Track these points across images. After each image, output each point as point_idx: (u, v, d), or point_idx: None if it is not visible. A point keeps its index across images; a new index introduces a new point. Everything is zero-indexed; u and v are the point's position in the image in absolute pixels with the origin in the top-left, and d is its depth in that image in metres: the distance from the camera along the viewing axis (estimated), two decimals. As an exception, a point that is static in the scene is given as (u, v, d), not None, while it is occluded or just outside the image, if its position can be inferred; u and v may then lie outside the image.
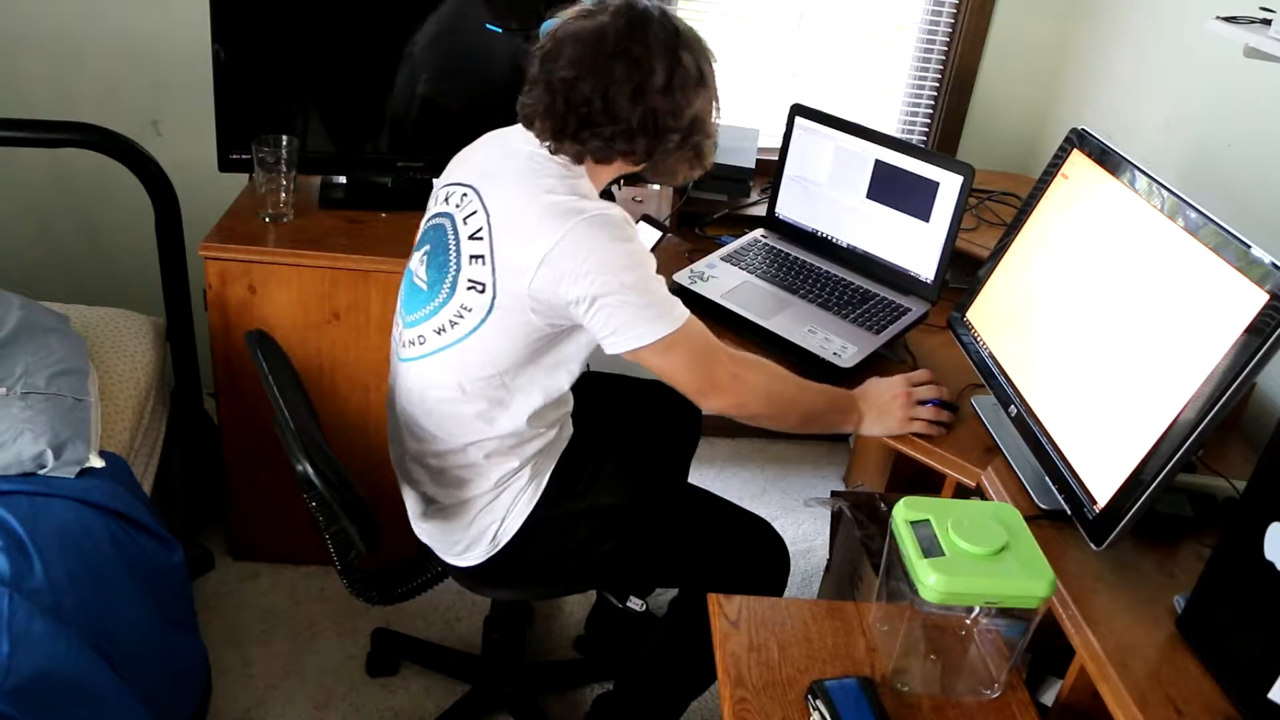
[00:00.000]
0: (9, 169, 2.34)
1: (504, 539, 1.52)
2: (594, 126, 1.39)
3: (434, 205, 1.55)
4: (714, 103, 1.48)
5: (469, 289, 1.43)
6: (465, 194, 1.47)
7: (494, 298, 1.40)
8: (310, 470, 1.35)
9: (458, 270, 1.45)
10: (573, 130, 1.40)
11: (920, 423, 1.56)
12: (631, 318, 1.37)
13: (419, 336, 1.50)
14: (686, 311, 1.41)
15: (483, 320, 1.43)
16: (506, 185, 1.44)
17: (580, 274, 1.34)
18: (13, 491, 1.54)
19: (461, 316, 1.45)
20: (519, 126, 1.47)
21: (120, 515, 1.63)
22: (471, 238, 1.44)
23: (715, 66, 1.47)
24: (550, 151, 1.43)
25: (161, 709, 1.51)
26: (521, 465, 1.51)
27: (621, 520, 1.57)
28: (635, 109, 1.38)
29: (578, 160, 1.43)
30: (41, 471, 1.60)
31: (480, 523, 1.53)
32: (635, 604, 1.72)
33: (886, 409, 1.56)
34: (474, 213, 1.44)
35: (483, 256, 1.42)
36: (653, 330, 1.38)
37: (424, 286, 1.50)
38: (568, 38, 1.39)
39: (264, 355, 1.49)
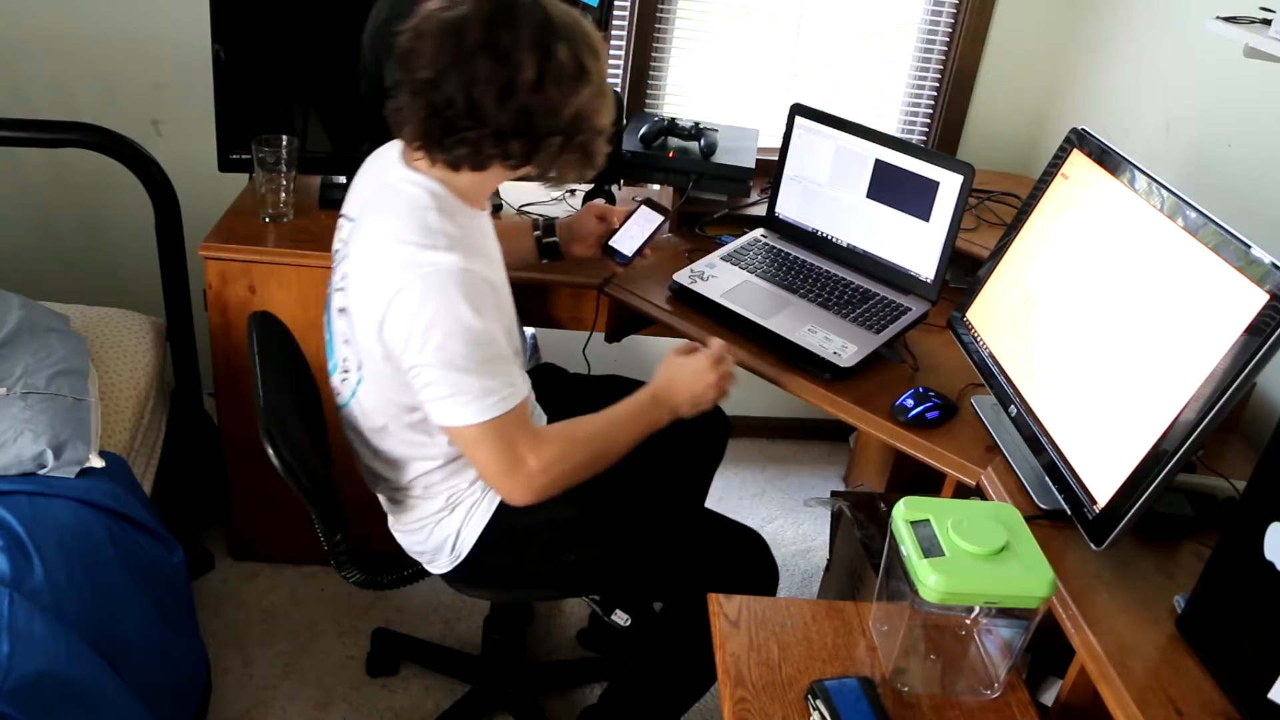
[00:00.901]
0: (9, 169, 2.34)
1: (463, 550, 1.52)
2: (460, 131, 1.26)
3: (336, 235, 1.47)
4: (601, 97, 1.32)
5: (343, 343, 1.40)
6: (347, 229, 1.40)
7: (360, 359, 1.37)
8: (269, 448, 1.37)
9: (330, 323, 1.42)
10: (438, 137, 1.27)
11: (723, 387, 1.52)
12: (446, 394, 1.28)
13: (343, 372, 1.46)
14: (515, 397, 1.31)
15: (360, 378, 1.40)
16: (369, 223, 1.34)
17: (408, 335, 1.26)
18: (13, 491, 1.54)
19: (347, 370, 1.42)
20: None
21: (120, 515, 1.63)
22: (338, 289, 1.39)
23: (601, 56, 1.31)
24: (422, 163, 1.33)
25: (161, 709, 1.51)
26: (471, 483, 1.50)
27: (580, 532, 1.53)
28: (504, 109, 1.24)
29: (454, 167, 1.32)
30: (41, 471, 1.60)
31: (437, 536, 1.53)
32: (620, 618, 1.69)
33: (701, 397, 1.49)
34: (345, 258, 1.38)
35: (345, 310, 1.37)
36: (462, 414, 1.29)
37: (325, 330, 1.48)
38: (427, 33, 1.25)
39: (258, 336, 1.50)
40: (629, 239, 1.75)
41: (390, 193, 1.34)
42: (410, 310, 1.26)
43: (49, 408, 1.67)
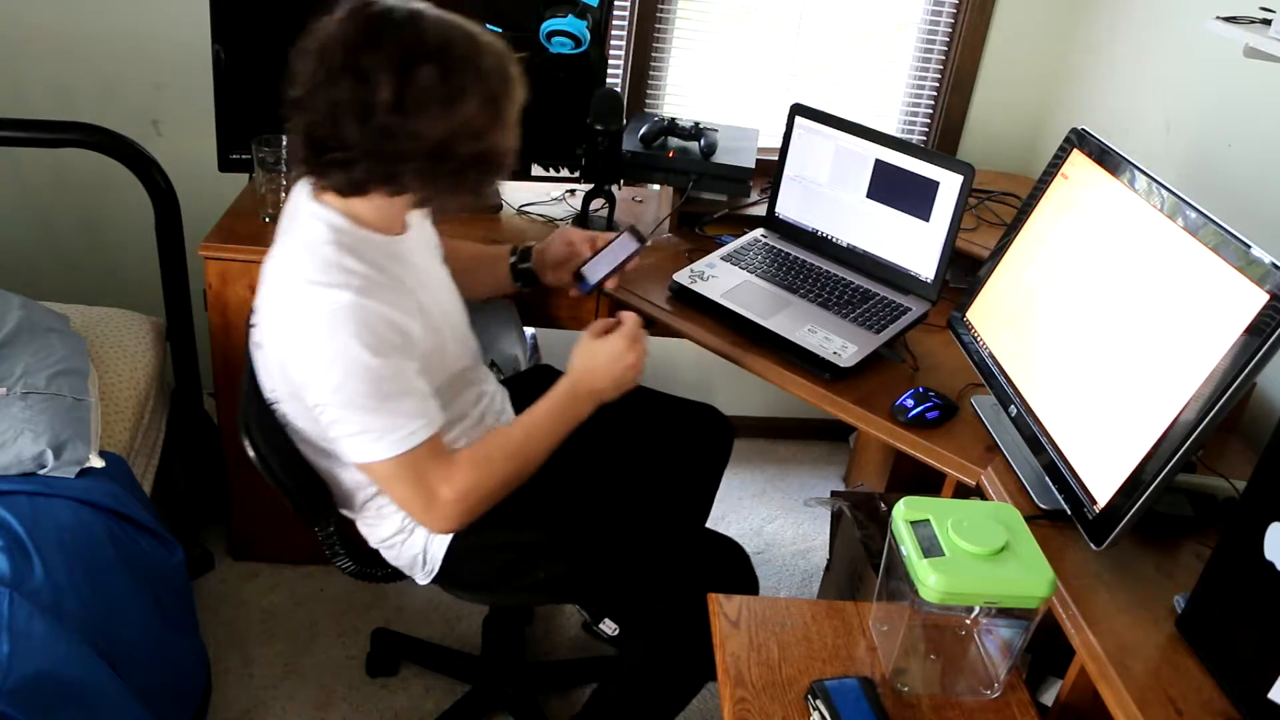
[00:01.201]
0: (9, 169, 2.34)
1: (434, 566, 1.51)
2: (329, 152, 1.21)
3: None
4: (474, 123, 1.22)
5: (266, 375, 1.38)
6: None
7: (278, 393, 1.36)
8: (244, 439, 1.40)
9: (249, 354, 1.41)
10: (311, 160, 1.24)
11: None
12: (350, 432, 1.27)
13: (273, 402, 1.44)
14: (423, 432, 1.28)
15: (285, 410, 1.39)
16: (275, 255, 1.31)
17: (308, 374, 1.25)
18: (13, 491, 1.54)
19: (275, 400, 1.41)
20: None
21: (120, 515, 1.63)
22: (249, 323, 1.38)
23: (491, 79, 1.23)
24: (328, 194, 1.29)
25: (161, 709, 1.51)
26: None
27: (544, 551, 1.52)
28: (365, 131, 1.18)
29: (340, 193, 1.27)
30: (41, 471, 1.60)
31: (406, 554, 1.52)
32: (608, 627, 1.68)
33: (622, 379, 1.45)
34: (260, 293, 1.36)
35: (260, 345, 1.35)
36: (368, 451, 1.27)
37: (247, 361, 1.47)
38: (306, 51, 1.21)
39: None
40: (600, 266, 1.63)
41: (296, 225, 1.32)
42: (307, 351, 1.25)
43: (49, 408, 1.67)
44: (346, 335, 1.22)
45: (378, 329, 1.24)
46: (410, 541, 1.50)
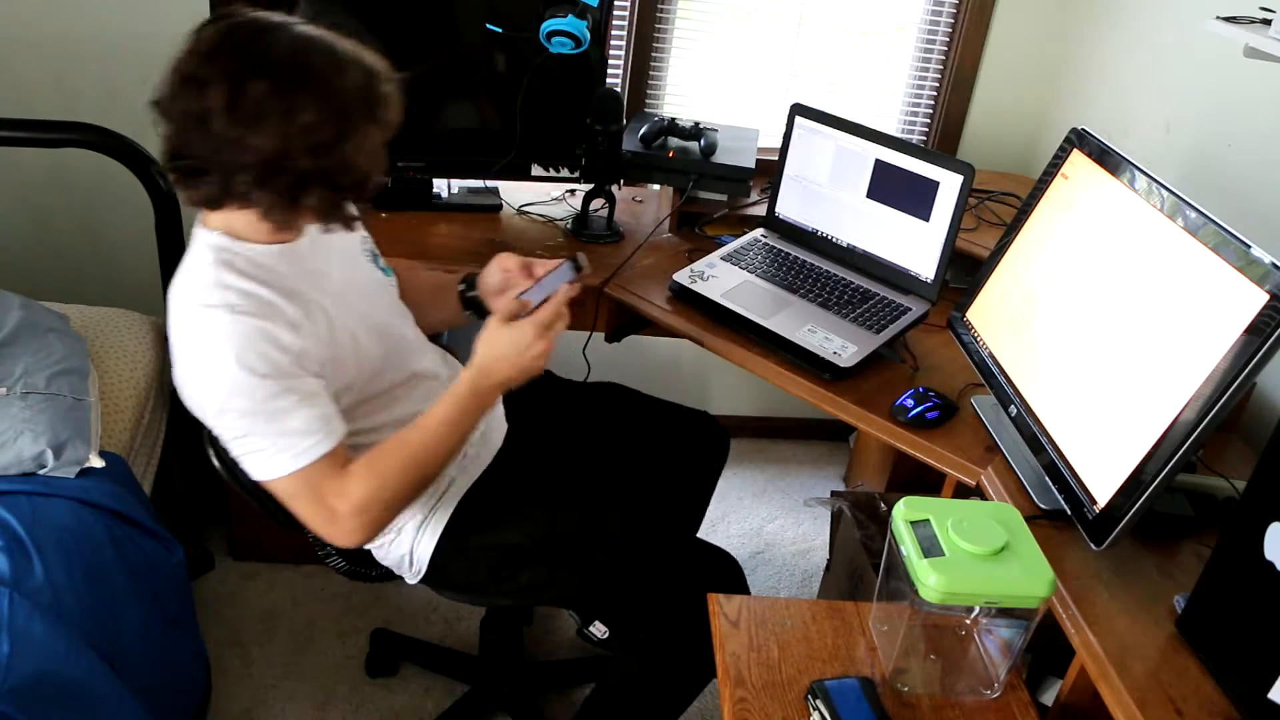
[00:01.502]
0: (9, 169, 2.34)
1: (421, 567, 1.52)
2: (181, 159, 1.23)
3: None
4: (314, 137, 1.19)
5: None
6: None
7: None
8: (209, 449, 1.44)
9: None
10: (169, 167, 1.25)
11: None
12: (242, 452, 1.27)
13: None
14: (316, 449, 1.27)
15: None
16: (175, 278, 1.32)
17: (197, 396, 1.26)
18: (13, 491, 1.54)
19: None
20: None
21: (120, 515, 1.63)
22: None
23: (339, 98, 1.21)
24: (211, 215, 1.30)
25: (161, 709, 1.51)
26: (410, 514, 1.48)
27: (527, 556, 1.51)
28: (205, 140, 1.19)
29: (207, 206, 1.28)
30: (41, 471, 1.60)
31: (394, 554, 1.52)
32: (598, 630, 1.67)
33: (530, 367, 1.35)
34: None
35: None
36: (261, 470, 1.27)
37: None
38: (171, 59, 1.23)
39: None
40: (536, 294, 1.51)
41: (189, 246, 1.33)
42: (190, 373, 1.26)
43: (49, 408, 1.67)
44: (226, 356, 1.22)
45: (258, 346, 1.23)
46: (398, 542, 1.51)
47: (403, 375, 1.47)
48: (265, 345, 1.24)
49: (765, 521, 2.60)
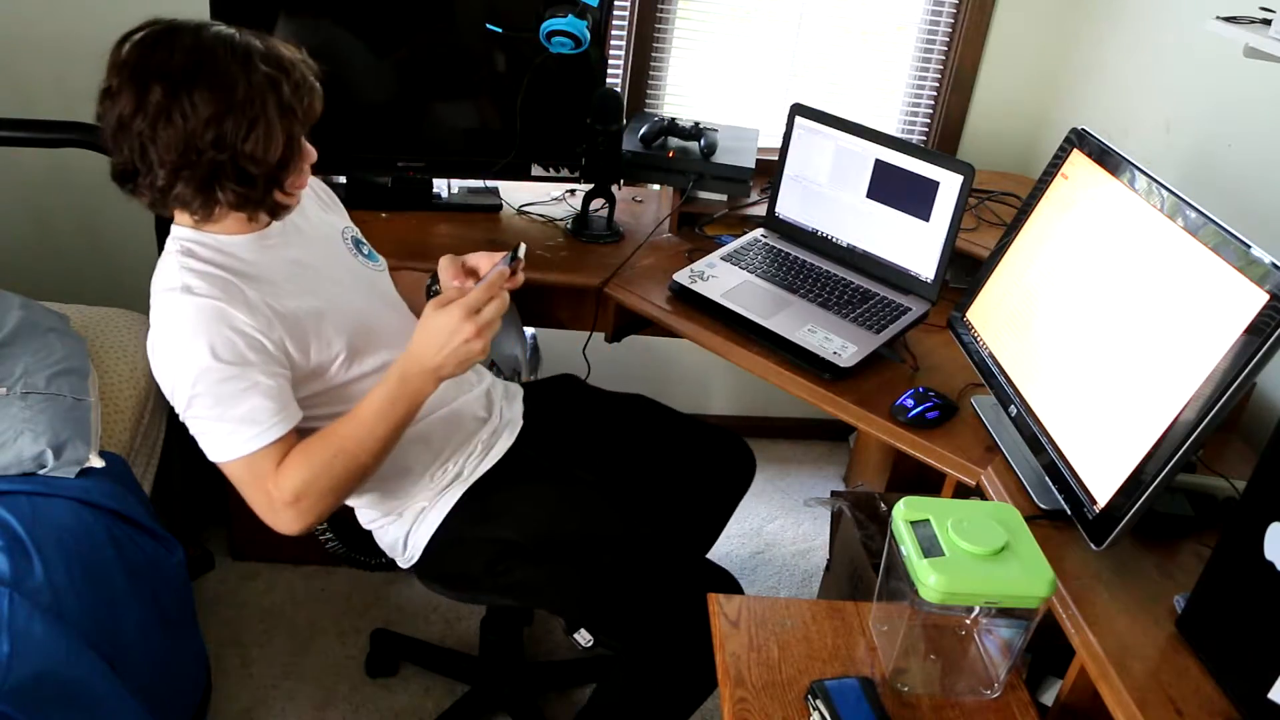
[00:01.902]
0: (9, 169, 2.34)
1: (414, 554, 1.53)
2: (113, 166, 1.32)
3: None
4: (219, 130, 1.25)
5: None
6: None
7: None
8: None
9: None
10: (112, 177, 1.33)
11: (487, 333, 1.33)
12: (198, 432, 1.32)
13: None
14: (262, 437, 1.29)
15: None
16: None
17: (159, 376, 1.32)
18: (13, 491, 1.54)
19: None
20: None
21: (120, 515, 1.63)
22: None
23: (247, 92, 1.26)
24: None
25: (161, 709, 1.51)
26: (408, 493, 1.51)
27: (522, 554, 1.51)
28: (126, 141, 1.28)
29: (156, 210, 1.37)
30: (42, 471, 1.60)
31: (389, 536, 1.54)
32: (583, 638, 1.66)
33: (466, 354, 1.29)
34: None
35: None
36: (213, 452, 1.32)
37: None
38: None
39: None
40: (482, 284, 1.45)
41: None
42: (155, 356, 1.31)
43: (49, 408, 1.67)
44: (182, 335, 1.28)
45: (214, 328, 1.28)
46: (397, 524, 1.53)
47: (375, 364, 1.46)
48: (221, 327, 1.28)
49: (765, 521, 2.60)
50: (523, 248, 1.40)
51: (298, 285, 1.39)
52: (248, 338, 1.29)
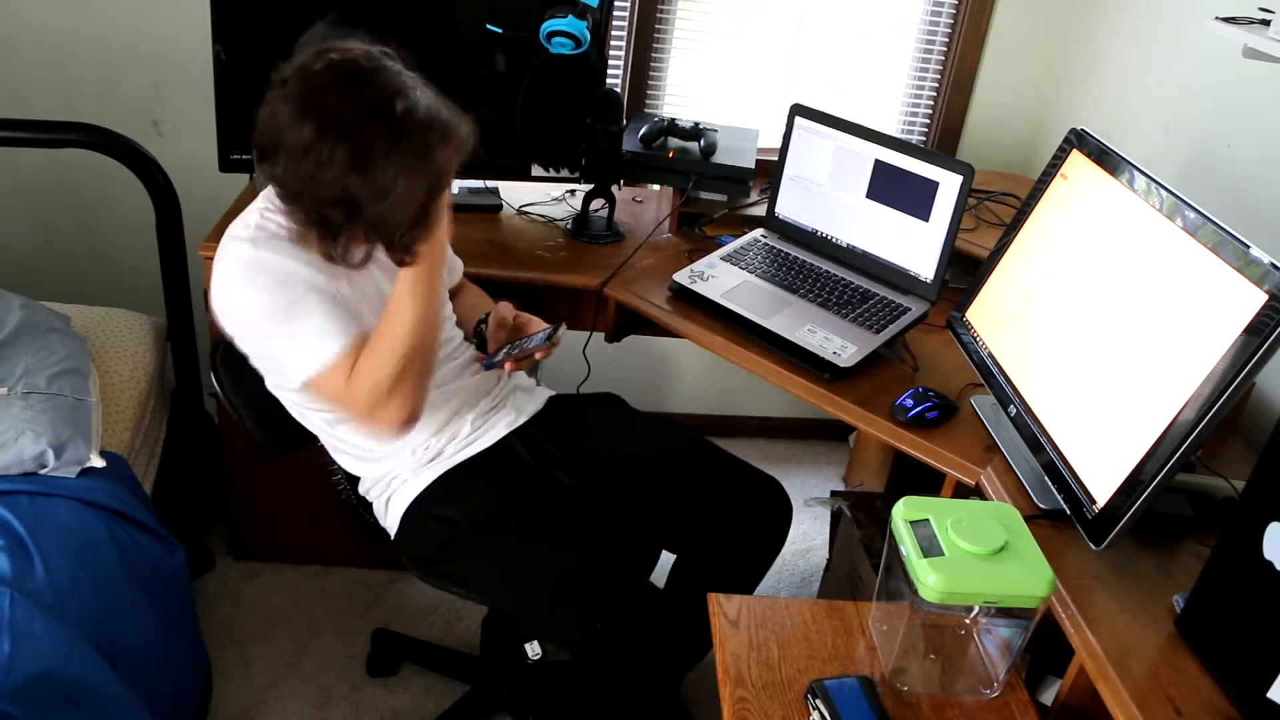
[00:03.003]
0: (9, 169, 2.34)
1: (393, 523, 1.58)
2: (262, 153, 1.36)
3: None
4: (318, 187, 1.32)
5: None
6: None
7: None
8: (211, 374, 1.59)
9: None
10: (257, 162, 1.40)
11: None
12: (267, 369, 1.44)
13: None
14: (333, 343, 1.36)
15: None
16: None
17: (223, 319, 1.41)
18: (14, 491, 1.54)
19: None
20: None
21: (121, 515, 1.63)
22: None
23: (403, 148, 1.32)
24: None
25: (161, 709, 1.51)
26: (390, 466, 1.56)
27: (466, 541, 1.50)
28: (265, 136, 1.35)
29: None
30: (42, 471, 1.60)
31: (375, 503, 1.62)
32: (532, 649, 1.67)
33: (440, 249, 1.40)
34: None
35: None
36: (287, 377, 1.41)
37: None
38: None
39: None
40: (513, 348, 1.58)
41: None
42: (217, 295, 1.40)
43: (50, 408, 1.67)
44: (241, 282, 1.37)
45: (274, 272, 1.36)
46: (378, 489, 1.59)
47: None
48: (281, 273, 1.37)
49: (765, 521, 2.60)
50: (563, 328, 1.55)
51: (354, 288, 1.46)
52: (304, 281, 1.38)
